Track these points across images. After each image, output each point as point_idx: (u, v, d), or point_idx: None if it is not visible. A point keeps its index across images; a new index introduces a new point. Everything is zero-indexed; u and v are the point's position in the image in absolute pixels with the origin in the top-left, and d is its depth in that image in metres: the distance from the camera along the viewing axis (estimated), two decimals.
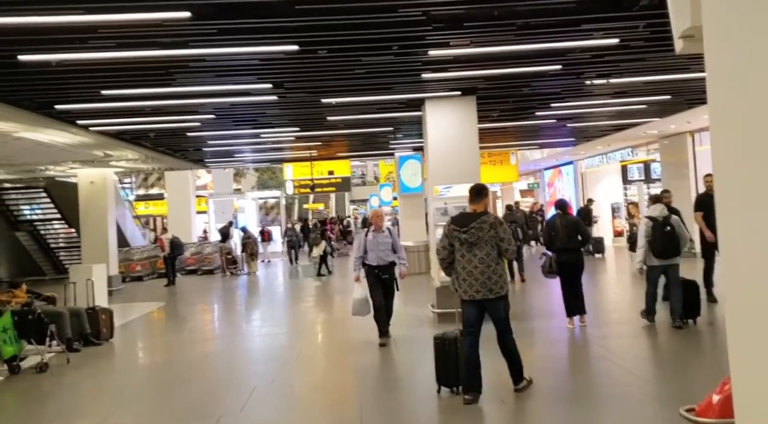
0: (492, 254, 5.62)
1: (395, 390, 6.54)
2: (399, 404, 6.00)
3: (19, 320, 8.37)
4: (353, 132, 15.35)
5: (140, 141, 14.26)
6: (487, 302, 5.65)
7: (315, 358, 8.61)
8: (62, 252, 23.64)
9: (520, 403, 5.73)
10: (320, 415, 5.89)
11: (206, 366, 8.33)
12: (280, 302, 15.22)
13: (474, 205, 5.85)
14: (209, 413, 5.88)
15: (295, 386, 7.04)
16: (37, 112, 9.63)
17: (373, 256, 8.62)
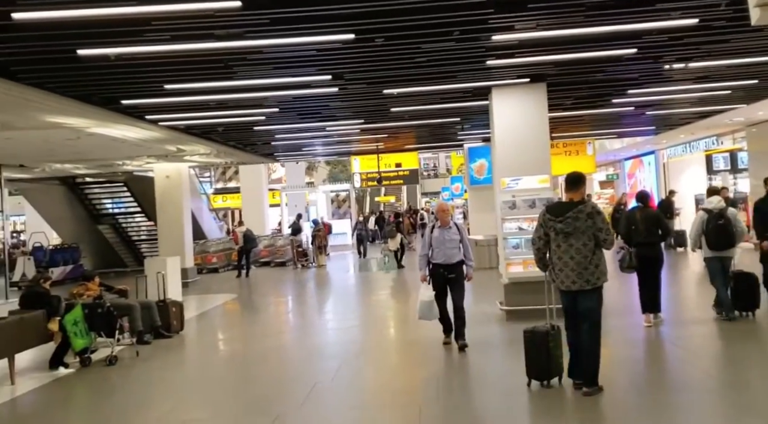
0: (589, 244, 5.56)
1: (469, 390, 6.24)
2: (481, 404, 5.71)
3: (89, 313, 8.56)
4: (419, 123, 15.06)
5: (210, 136, 14.47)
6: (582, 293, 5.61)
7: (380, 354, 8.41)
8: (143, 244, 24.46)
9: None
10: (380, 415, 5.68)
11: (271, 361, 8.30)
12: (347, 296, 15.15)
13: (570, 193, 5.81)
14: (268, 410, 5.81)
15: (356, 384, 6.87)
16: (105, 108, 9.84)
17: (439, 253, 7.91)
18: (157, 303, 10.30)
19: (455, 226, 8.09)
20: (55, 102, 8.75)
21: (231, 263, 22.21)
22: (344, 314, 12.14)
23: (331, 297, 15.30)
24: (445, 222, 8.05)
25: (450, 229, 8.00)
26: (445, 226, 8.01)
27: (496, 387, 6.29)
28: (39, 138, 12.45)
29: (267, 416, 5.62)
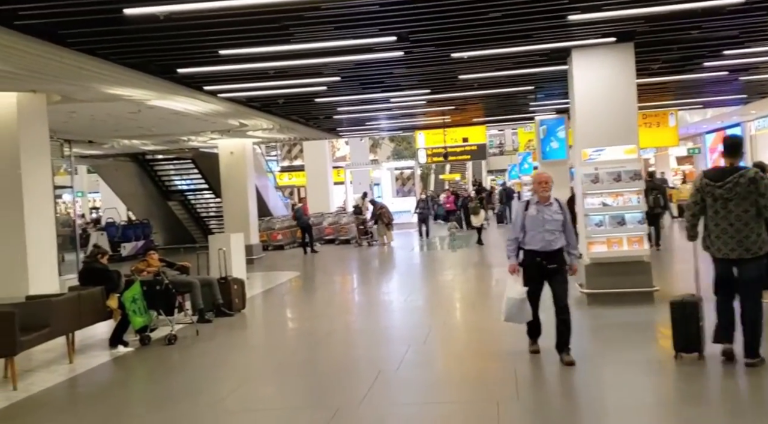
0: (750, 210, 5.35)
1: (552, 385, 5.53)
2: (569, 402, 5.01)
3: (148, 291, 8.31)
4: (488, 93, 14.19)
5: (270, 109, 14.08)
6: (742, 262, 5.41)
7: (449, 340, 7.75)
8: (212, 221, 24.74)
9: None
10: (451, 412, 5.04)
11: (332, 344, 7.81)
12: (413, 275, 14.58)
13: (730, 158, 5.59)
14: (327, 403, 5.28)
15: (423, 375, 6.22)
16: (161, 77, 9.51)
17: (535, 237, 6.16)
18: (218, 280, 10.02)
19: (557, 202, 6.30)
20: (109, 70, 8.45)
21: (296, 241, 22.08)
22: (409, 294, 11.56)
23: (396, 276, 14.76)
24: (545, 197, 6.22)
25: (551, 206, 6.22)
26: (544, 202, 6.22)
27: (585, 381, 5.57)
28: (102, 112, 12.35)
29: (326, 409, 5.08)
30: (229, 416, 5.23)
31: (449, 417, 4.93)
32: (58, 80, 8.74)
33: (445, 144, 21.74)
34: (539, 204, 6.24)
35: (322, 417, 4.87)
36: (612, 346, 6.91)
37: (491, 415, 4.78)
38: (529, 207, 6.31)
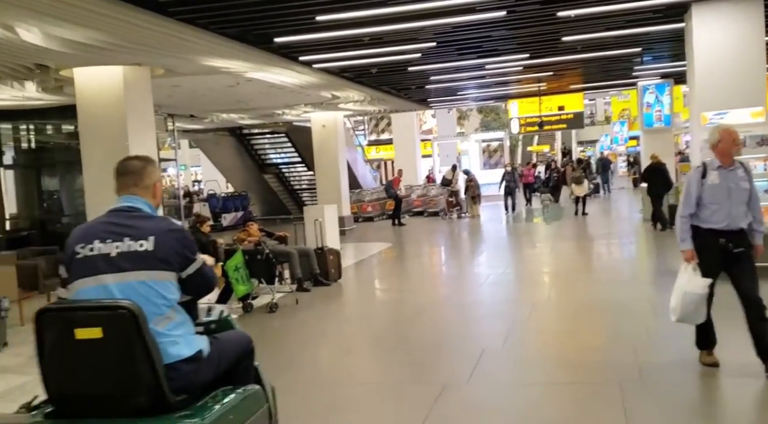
0: None
1: (680, 369, 5.08)
2: (703, 389, 4.62)
3: (249, 259, 8.41)
4: (591, 56, 13.47)
5: (363, 79, 13.94)
6: None
7: (556, 317, 7.35)
8: (304, 193, 25.28)
9: None
10: (570, 394, 4.74)
11: (430, 318, 7.62)
12: (506, 248, 14.18)
13: None
14: (433, 379, 5.08)
15: (532, 353, 5.91)
16: (259, 48, 9.51)
17: (719, 213, 4.73)
18: (315, 251, 10.05)
19: (742, 167, 4.83)
20: (209, 41, 8.50)
21: (385, 212, 22.08)
22: (506, 267, 11.21)
23: (489, 249, 14.40)
24: (730, 160, 4.77)
25: (736, 171, 4.77)
26: (728, 166, 4.77)
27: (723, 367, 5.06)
28: (203, 86, 12.58)
29: (433, 385, 4.88)
30: (335, 388, 5.14)
31: (568, 399, 4.60)
32: (161, 53, 8.90)
33: (540, 113, 20.93)
34: (722, 169, 4.76)
35: (430, 393, 4.68)
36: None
37: (614, 398, 4.42)
38: (707, 173, 4.78)
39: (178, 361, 2.51)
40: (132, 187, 2.70)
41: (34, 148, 15.12)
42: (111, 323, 2.37)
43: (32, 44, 7.59)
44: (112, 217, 2.64)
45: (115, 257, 2.51)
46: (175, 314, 2.59)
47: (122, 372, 2.38)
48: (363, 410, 4.35)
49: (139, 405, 2.38)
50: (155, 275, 2.52)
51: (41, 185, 14.84)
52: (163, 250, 2.54)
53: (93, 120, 9.56)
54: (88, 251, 2.53)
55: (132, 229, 2.56)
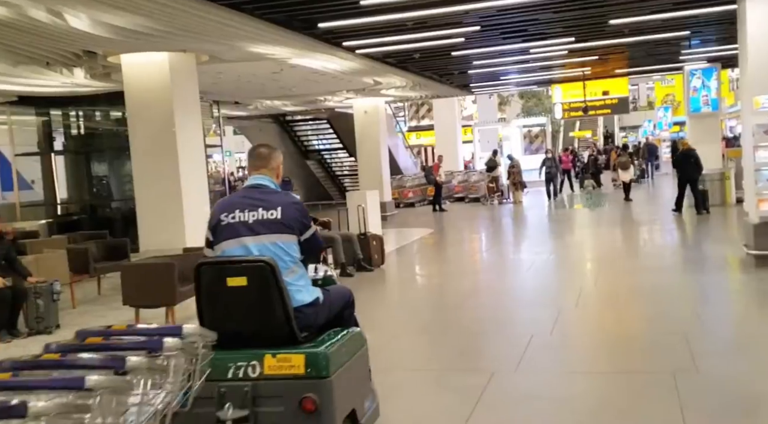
0: None
1: (733, 355, 4.96)
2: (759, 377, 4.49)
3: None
4: (638, 40, 13.09)
5: (406, 65, 13.86)
6: None
7: (604, 304, 7.22)
8: (346, 179, 25.47)
9: None
10: (621, 384, 4.64)
11: (475, 304, 7.57)
12: (550, 234, 13.99)
13: None
14: (481, 366, 5.05)
15: (581, 341, 5.83)
16: (303, 33, 9.50)
17: None
18: (358, 236, 10.08)
19: None
20: (254, 27, 8.53)
21: (426, 198, 22.04)
22: (550, 253, 11.06)
23: (532, 235, 14.24)
24: None
25: None
26: None
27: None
28: (247, 72, 12.68)
29: (481, 372, 4.85)
30: (382, 374, 5.11)
31: (620, 389, 4.51)
32: (206, 39, 8.98)
33: (584, 97, 20.53)
34: None
35: (478, 381, 4.64)
36: None
37: (668, 388, 4.31)
38: None
39: (302, 305, 3.12)
40: (261, 168, 3.33)
41: (83, 135, 15.50)
42: (254, 274, 2.99)
43: (80, 30, 7.74)
44: (247, 192, 3.28)
45: (252, 223, 3.13)
46: (298, 269, 3.19)
47: (262, 312, 3.01)
48: (412, 396, 4.34)
49: (275, 338, 3.00)
50: (283, 238, 3.11)
51: (91, 171, 15.22)
52: (287, 218, 3.14)
53: (140, 106, 9.73)
54: (230, 219, 3.16)
55: (264, 202, 3.17)
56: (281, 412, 2.90)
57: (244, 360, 2.97)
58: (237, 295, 3.02)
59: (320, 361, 2.95)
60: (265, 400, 2.91)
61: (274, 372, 2.94)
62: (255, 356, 2.96)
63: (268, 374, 2.94)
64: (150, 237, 9.69)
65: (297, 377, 2.92)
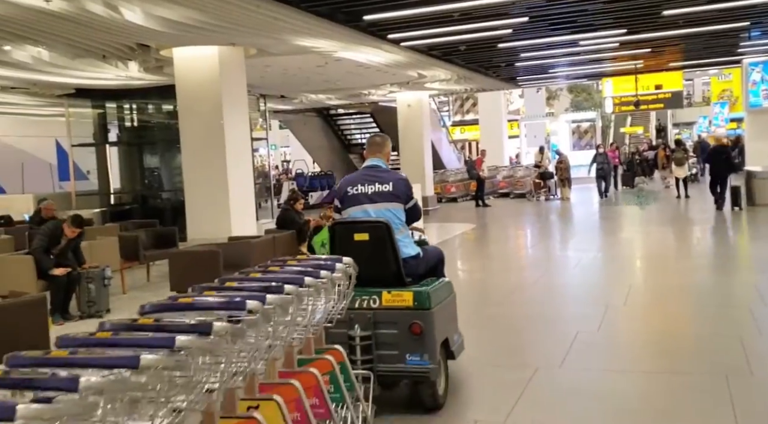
0: None
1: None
2: None
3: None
4: (693, 32, 12.68)
5: (451, 57, 13.75)
6: None
7: (653, 303, 7.03)
8: None
9: None
10: (673, 383, 4.51)
11: (520, 300, 7.47)
12: (598, 232, 13.71)
13: None
14: (525, 361, 4.98)
15: (629, 339, 5.69)
16: (348, 26, 9.51)
17: None
18: None
19: None
20: (300, 20, 8.59)
21: (469, 193, 21.88)
22: (598, 251, 10.85)
23: (579, 232, 13.98)
24: None
25: None
26: None
27: None
28: (293, 65, 12.80)
29: (525, 368, 4.79)
30: None
31: (668, 389, 4.37)
32: (254, 32, 9.09)
33: (636, 91, 20.02)
34: None
35: (522, 376, 4.58)
36: None
37: (720, 390, 4.17)
38: None
39: (408, 257, 4.12)
40: (377, 153, 4.32)
41: (136, 127, 15.91)
42: (374, 231, 3.99)
43: (134, 23, 7.93)
44: (367, 171, 4.25)
45: (371, 194, 4.12)
46: (404, 229, 4.18)
47: (380, 260, 3.96)
48: (454, 390, 4.32)
49: (389, 280, 3.98)
50: (393, 205, 4.11)
51: (143, 162, 15.62)
52: (397, 190, 4.12)
53: (190, 99, 9.92)
54: (355, 191, 4.16)
55: (379, 178, 4.15)
56: (395, 334, 3.88)
57: (367, 295, 3.90)
58: (361, 247, 3.87)
59: (424, 297, 3.91)
60: (383, 324, 3.90)
61: (389, 304, 3.93)
62: (375, 293, 3.93)
63: (385, 306, 3.92)
64: (197, 227, 9.90)
65: (407, 308, 3.89)
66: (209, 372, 2.06)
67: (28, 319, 5.39)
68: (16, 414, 1.44)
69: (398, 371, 3.91)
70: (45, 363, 1.87)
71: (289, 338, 2.71)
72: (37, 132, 19.67)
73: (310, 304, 2.80)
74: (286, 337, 2.67)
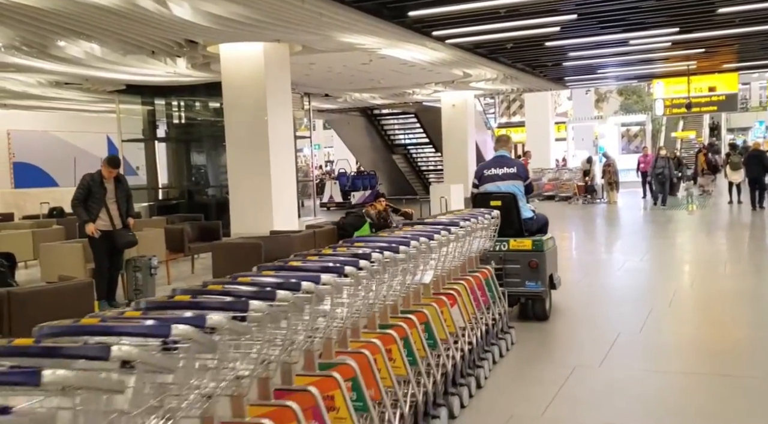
0: None
1: None
2: None
3: (376, 231, 8.54)
4: (750, 31, 12.26)
5: (497, 56, 13.61)
6: None
7: (697, 307, 6.83)
8: (431, 174, 25.40)
9: None
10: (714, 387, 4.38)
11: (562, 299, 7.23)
12: (645, 237, 13.35)
13: None
14: (565, 361, 4.87)
15: (671, 341, 5.52)
16: (393, 22, 9.52)
17: None
18: None
19: None
20: (345, 16, 8.64)
21: None
22: (644, 254, 10.55)
23: (626, 236, 13.64)
24: None
25: None
26: None
27: None
28: (338, 63, 12.87)
29: (564, 366, 4.69)
30: None
31: (708, 391, 4.25)
32: (300, 28, 9.17)
33: (688, 94, 19.46)
34: None
35: (560, 374, 4.49)
36: None
37: (762, 394, 4.03)
38: None
39: (526, 218, 5.93)
40: (504, 146, 6.34)
41: (183, 124, 16.25)
42: (504, 200, 5.80)
43: (182, 19, 8.09)
44: (496, 158, 6.17)
45: (501, 174, 5.97)
46: (523, 199, 5.97)
47: (508, 219, 5.68)
48: (491, 385, 4.26)
49: (514, 233, 5.78)
50: (517, 182, 5.95)
51: (190, 159, 15.94)
52: (519, 172, 6.00)
53: (235, 96, 10.07)
54: (489, 172, 6.01)
55: (506, 163, 6.06)
56: (518, 268, 5.70)
57: (499, 242, 5.62)
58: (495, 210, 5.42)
59: (539, 243, 5.77)
60: (510, 261, 5.72)
61: (515, 248, 5.76)
62: (505, 240, 5.72)
63: (512, 249, 5.76)
64: (241, 222, 10.04)
65: (527, 250, 5.73)
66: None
67: (76, 303, 5.57)
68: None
69: (520, 292, 5.74)
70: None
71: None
72: (90, 128, 20.30)
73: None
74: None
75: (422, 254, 3.64)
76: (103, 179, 7.06)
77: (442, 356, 3.65)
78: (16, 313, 4.76)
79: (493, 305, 4.81)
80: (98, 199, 6.99)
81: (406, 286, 3.52)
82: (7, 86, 13.66)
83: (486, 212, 5.08)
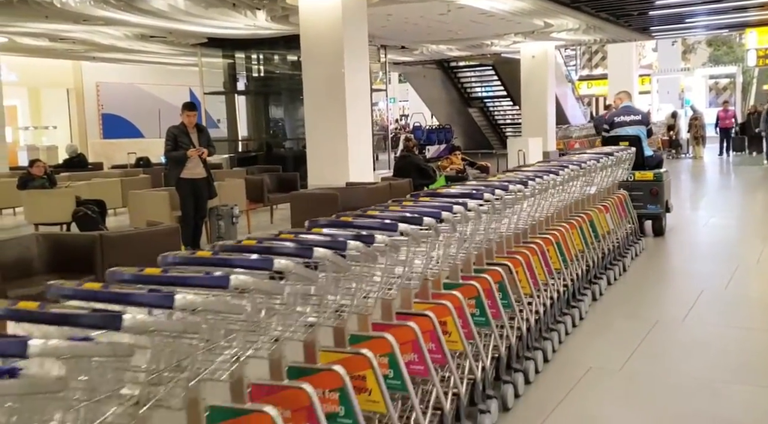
0: None
1: None
2: None
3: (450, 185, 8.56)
4: None
5: (579, 4, 13.06)
6: None
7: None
8: (508, 128, 24.94)
9: None
10: None
11: (647, 254, 7.09)
12: (732, 192, 12.80)
13: None
14: (646, 316, 4.79)
15: (757, 298, 5.36)
16: None
17: None
18: None
19: None
20: None
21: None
22: (730, 210, 10.13)
23: (711, 191, 13.10)
24: None
25: None
26: None
27: None
28: (415, 14, 12.68)
29: (646, 321, 4.64)
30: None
31: None
32: None
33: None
34: None
35: (641, 328, 4.45)
36: None
37: None
38: None
39: (647, 156, 7.65)
40: (627, 99, 8.07)
41: (263, 77, 16.52)
42: (631, 141, 7.31)
43: None
44: (624, 108, 7.82)
45: (629, 121, 7.60)
46: (646, 140, 7.68)
47: (638, 157, 7.08)
48: (570, 339, 4.26)
49: (638, 167, 7.20)
50: (641, 127, 7.61)
51: (268, 112, 16.24)
52: (643, 118, 7.80)
53: (313, 48, 10.09)
54: (618, 119, 7.66)
55: (633, 112, 7.85)
56: (642, 194, 7.16)
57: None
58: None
59: (659, 175, 7.34)
60: (635, 189, 7.08)
61: (639, 179, 7.25)
62: (632, 173, 6.92)
63: (637, 179, 7.23)
64: (318, 174, 10.21)
65: (648, 180, 7.27)
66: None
67: (163, 247, 5.88)
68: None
69: (643, 213, 7.23)
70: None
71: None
72: (173, 81, 20.93)
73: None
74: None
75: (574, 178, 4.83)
76: (187, 129, 7.31)
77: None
78: (107, 255, 4.99)
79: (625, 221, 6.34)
80: (185, 149, 7.25)
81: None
82: (95, 39, 14.19)
83: (624, 148, 6.62)
